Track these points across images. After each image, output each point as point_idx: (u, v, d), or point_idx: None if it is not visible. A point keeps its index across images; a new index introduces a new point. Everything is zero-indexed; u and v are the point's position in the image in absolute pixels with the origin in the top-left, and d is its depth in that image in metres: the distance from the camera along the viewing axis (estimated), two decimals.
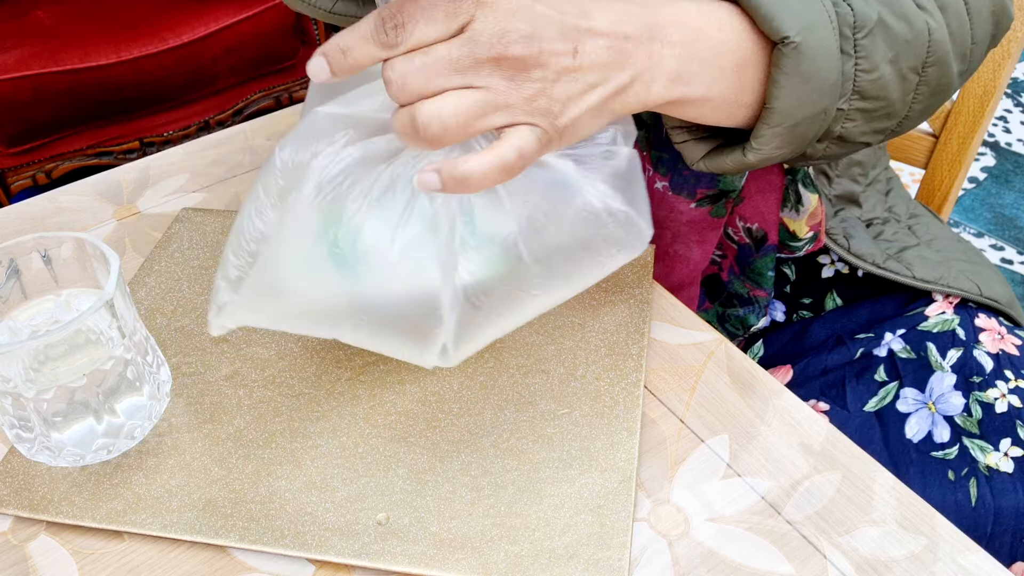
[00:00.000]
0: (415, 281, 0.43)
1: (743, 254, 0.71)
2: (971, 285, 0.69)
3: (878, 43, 0.50)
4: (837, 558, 0.46)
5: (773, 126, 0.49)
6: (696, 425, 0.53)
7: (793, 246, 0.70)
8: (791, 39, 0.47)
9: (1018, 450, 0.60)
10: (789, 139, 0.51)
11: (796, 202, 0.67)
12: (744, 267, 0.71)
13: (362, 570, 0.47)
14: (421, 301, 0.44)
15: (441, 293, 0.43)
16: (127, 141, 1.65)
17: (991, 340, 0.65)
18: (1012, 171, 2.05)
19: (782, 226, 0.69)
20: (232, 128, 0.80)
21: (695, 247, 0.70)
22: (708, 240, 0.69)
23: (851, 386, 0.67)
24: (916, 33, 0.51)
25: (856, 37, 0.49)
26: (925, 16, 0.52)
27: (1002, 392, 0.62)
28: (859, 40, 0.49)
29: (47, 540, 0.48)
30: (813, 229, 0.68)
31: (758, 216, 0.68)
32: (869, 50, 0.50)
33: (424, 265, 0.43)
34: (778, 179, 0.66)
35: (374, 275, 0.44)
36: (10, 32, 1.55)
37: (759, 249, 0.70)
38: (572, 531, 0.47)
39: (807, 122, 0.50)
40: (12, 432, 0.49)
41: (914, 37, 0.51)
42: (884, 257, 0.70)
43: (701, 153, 0.54)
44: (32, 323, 0.51)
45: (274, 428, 0.52)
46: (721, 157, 0.53)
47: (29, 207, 0.71)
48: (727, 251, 0.72)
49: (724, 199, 0.67)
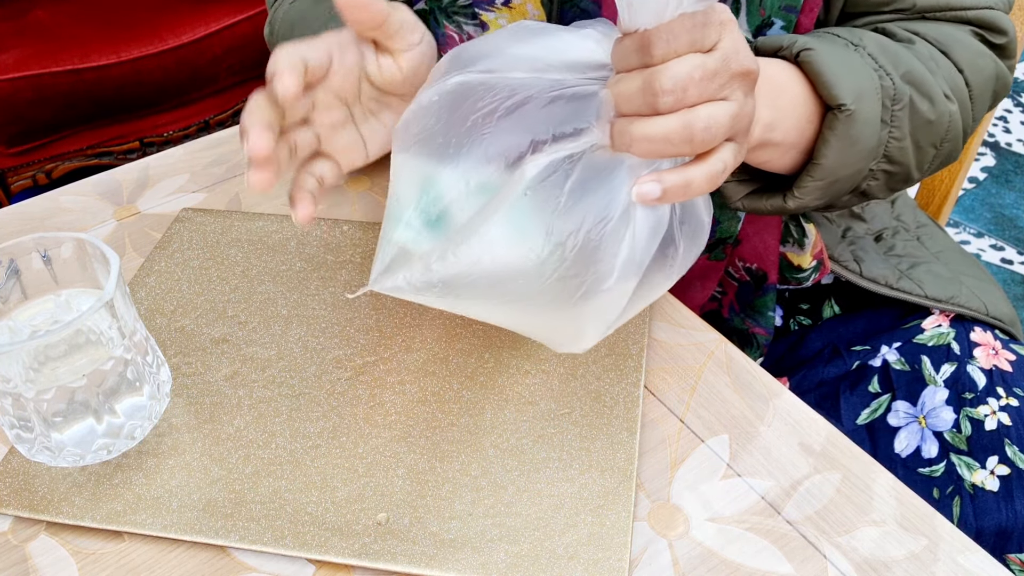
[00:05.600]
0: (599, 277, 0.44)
1: (744, 291, 0.71)
2: (979, 304, 0.70)
3: (907, 117, 0.56)
4: (837, 558, 0.46)
5: (816, 180, 0.54)
6: (696, 425, 0.53)
7: (799, 278, 0.71)
8: (847, 107, 0.52)
9: (1004, 468, 0.60)
10: (826, 192, 0.56)
11: (800, 236, 0.68)
12: (744, 304, 0.72)
13: (362, 570, 0.47)
14: (596, 300, 0.44)
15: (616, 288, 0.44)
16: (127, 141, 1.65)
17: (985, 356, 0.66)
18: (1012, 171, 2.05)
19: (786, 261, 0.70)
20: (232, 128, 0.80)
21: (695, 284, 0.71)
22: (709, 278, 0.71)
23: (845, 397, 0.67)
24: (939, 115, 0.57)
25: (893, 109, 0.55)
26: (950, 105, 0.58)
27: (992, 409, 0.62)
28: (895, 112, 0.55)
29: (47, 540, 0.48)
30: (816, 258, 0.69)
31: (756, 257, 0.69)
32: (901, 121, 0.55)
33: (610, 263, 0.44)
34: (775, 219, 0.67)
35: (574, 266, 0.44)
36: (10, 32, 1.55)
37: (760, 288, 0.70)
38: (572, 531, 0.47)
39: (845, 179, 0.56)
40: (12, 432, 0.49)
41: (937, 118, 0.57)
42: (897, 276, 0.70)
43: (742, 194, 0.58)
44: (32, 323, 0.51)
45: (274, 428, 0.52)
46: (760, 200, 0.57)
47: (29, 207, 0.71)
48: (727, 288, 0.72)
49: (721, 245, 0.68)
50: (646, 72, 0.40)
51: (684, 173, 0.42)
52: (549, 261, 0.43)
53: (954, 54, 0.59)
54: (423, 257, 0.44)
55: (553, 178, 0.42)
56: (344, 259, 0.64)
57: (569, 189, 0.42)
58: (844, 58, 0.54)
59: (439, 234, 0.45)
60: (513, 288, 0.44)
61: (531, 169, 0.42)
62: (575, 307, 0.44)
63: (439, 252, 0.44)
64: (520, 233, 0.43)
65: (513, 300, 0.45)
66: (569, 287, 0.43)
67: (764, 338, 0.72)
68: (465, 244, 0.43)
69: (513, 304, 0.45)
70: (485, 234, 0.43)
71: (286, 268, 0.63)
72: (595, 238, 0.42)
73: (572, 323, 0.46)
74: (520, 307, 0.46)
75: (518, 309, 0.46)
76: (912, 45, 0.59)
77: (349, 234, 0.66)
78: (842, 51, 0.54)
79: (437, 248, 0.44)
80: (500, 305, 0.46)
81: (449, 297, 0.45)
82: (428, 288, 0.45)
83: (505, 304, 0.45)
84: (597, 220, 0.42)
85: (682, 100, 0.40)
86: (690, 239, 0.46)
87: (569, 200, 0.42)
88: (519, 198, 0.42)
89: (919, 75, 0.56)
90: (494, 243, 0.43)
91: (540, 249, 0.42)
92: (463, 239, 0.43)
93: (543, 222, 0.42)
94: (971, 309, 0.69)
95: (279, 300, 0.61)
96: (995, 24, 0.61)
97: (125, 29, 1.58)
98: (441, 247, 0.44)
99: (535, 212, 0.42)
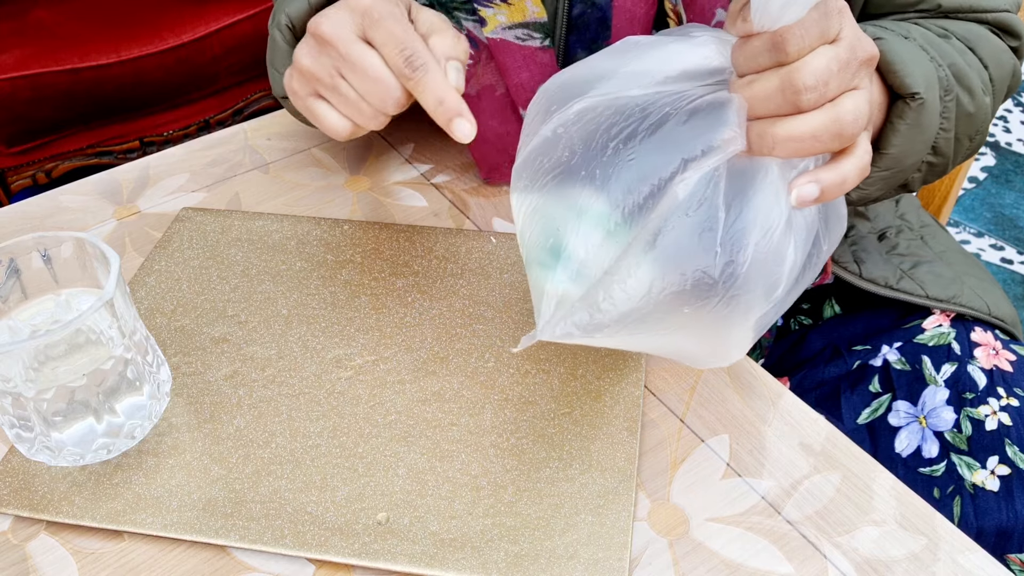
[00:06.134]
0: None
1: None
2: (981, 304, 0.70)
3: (953, 109, 0.57)
4: (837, 558, 0.46)
5: (882, 170, 0.54)
6: (696, 425, 0.53)
7: None
8: (920, 95, 0.52)
9: (1005, 468, 0.60)
10: (888, 183, 0.56)
11: None
12: None
13: (362, 570, 0.47)
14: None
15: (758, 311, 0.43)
16: (127, 141, 1.65)
17: (985, 355, 0.66)
18: (1012, 171, 2.05)
19: None
20: (232, 128, 0.80)
21: None
22: None
23: (846, 397, 0.67)
24: (977, 107, 0.58)
25: (945, 100, 0.55)
26: (986, 98, 0.59)
27: (993, 409, 0.62)
28: (947, 103, 0.55)
29: (47, 540, 0.48)
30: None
31: None
32: (950, 112, 0.56)
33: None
34: None
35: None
36: (10, 32, 1.55)
37: None
38: (572, 531, 0.47)
39: (906, 170, 0.56)
40: (12, 432, 0.49)
41: (976, 111, 0.58)
42: (898, 276, 0.70)
43: None
44: (32, 323, 0.50)
45: (274, 428, 0.52)
46: None
47: (29, 207, 0.71)
48: None
49: None
50: (783, 71, 0.40)
51: (839, 169, 0.42)
52: (720, 280, 0.41)
53: (980, 50, 0.60)
54: (588, 297, 0.42)
55: (707, 193, 0.41)
56: (344, 259, 0.64)
57: (724, 203, 0.41)
58: (909, 48, 0.54)
59: (599, 267, 0.43)
60: (685, 313, 0.42)
61: (682, 189, 0.40)
62: (743, 323, 0.43)
63: (605, 289, 0.42)
64: (686, 255, 0.41)
65: (682, 326, 0.43)
66: (740, 304, 0.42)
67: (767, 340, 0.72)
68: (632, 277, 0.41)
69: (681, 330, 0.44)
70: (653, 262, 0.41)
71: (286, 268, 0.63)
72: (763, 250, 0.41)
73: (731, 338, 0.45)
74: (687, 332, 0.44)
75: (684, 335, 0.44)
76: (949, 40, 0.59)
77: (349, 234, 0.66)
78: (904, 41, 0.54)
79: (603, 284, 0.42)
80: (669, 334, 0.44)
81: (622, 334, 0.43)
82: (598, 329, 0.43)
83: (673, 332, 0.44)
84: (763, 231, 0.41)
85: (824, 95, 0.40)
86: (833, 234, 0.45)
87: (730, 216, 0.41)
88: (681, 218, 0.40)
89: (961, 68, 0.57)
90: (662, 269, 0.41)
91: (710, 269, 0.41)
92: (628, 272, 0.41)
93: (708, 241, 0.41)
94: (973, 309, 0.69)
95: (279, 299, 0.61)
96: (1011, 26, 0.63)
97: (125, 28, 1.58)
98: (607, 283, 0.42)
99: (695, 232, 0.41)
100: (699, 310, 0.42)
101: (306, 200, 0.71)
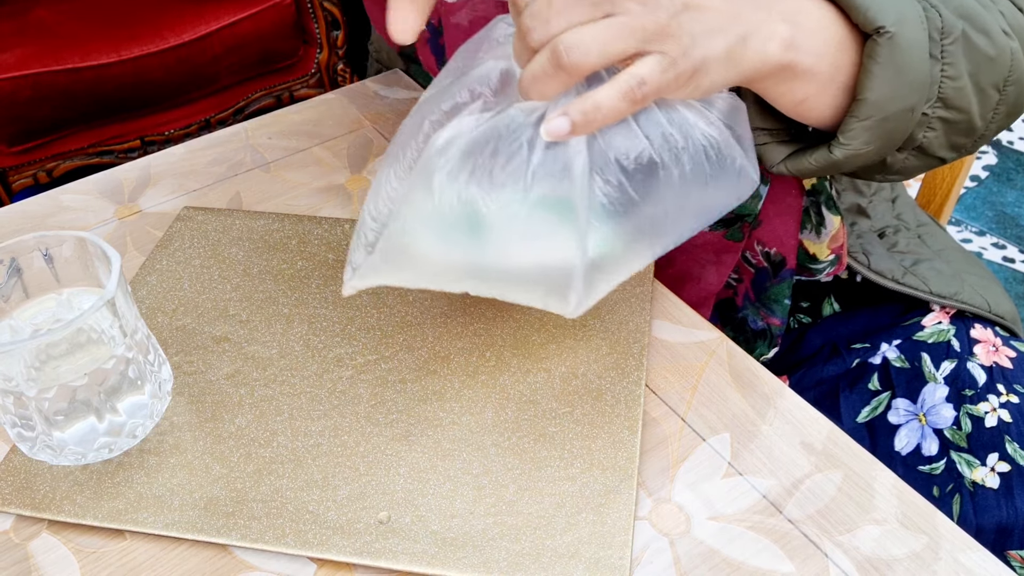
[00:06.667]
0: (546, 253, 0.44)
1: (760, 278, 0.70)
2: (982, 301, 0.69)
3: (962, 53, 0.52)
4: (838, 557, 0.46)
5: (863, 119, 0.50)
6: (697, 424, 0.53)
7: (814, 268, 0.69)
8: (887, 29, 0.48)
9: (1005, 465, 0.60)
10: (877, 134, 0.51)
11: (818, 224, 0.67)
12: (760, 293, 0.71)
13: (364, 569, 0.47)
14: (551, 269, 0.44)
15: (574, 267, 0.44)
16: (128, 140, 1.65)
17: (985, 352, 0.65)
18: (1014, 169, 2.05)
19: (802, 249, 0.69)
20: (233, 127, 0.80)
21: (710, 268, 0.69)
22: (724, 262, 0.69)
23: (845, 395, 0.67)
24: (999, 51, 0.53)
25: (943, 43, 0.51)
26: (1010, 42, 0.54)
27: (993, 406, 0.62)
28: (946, 46, 0.51)
29: (49, 539, 0.48)
30: (835, 252, 0.68)
31: (776, 240, 0.67)
32: (955, 57, 0.51)
33: (555, 239, 0.43)
34: (796, 202, 0.66)
35: (503, 245, 0.44)
36: (11, 31, 1.55)
37: (776, 274, 0.69)
38: (573, 530, 0.47)
39: (895, 117, 0.51)
40: (14, 431, 0.49)
41: (997, 54, 0.53)
42: (902, 272, 0.69)
43: (783, 155, 0.55)
44: (34, 322, 0.51)
45: (275, 427, 0.52)
46: (803, 158, 0.54)
47: (30, 206, 0.71)
48: (743, 275, 0.71)
49: (739, 223, 0.66)
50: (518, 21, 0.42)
51: (587, 96, 0.41)
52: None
53: None
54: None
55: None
56: (345, 258, 0.64)
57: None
58: None
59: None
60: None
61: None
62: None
63: (372, 203, 0.47)
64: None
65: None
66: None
67: (778, 329, 0.71)
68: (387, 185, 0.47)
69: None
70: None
71: (287, 267, 0.63)
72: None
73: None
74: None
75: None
76: None
77: (350, 233, 0.66)
78: None
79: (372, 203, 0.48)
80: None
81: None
82: (372, 246, 0.47)
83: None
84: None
85: (547, 31, 0.40)
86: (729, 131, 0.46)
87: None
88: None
89: (971, 8, 0.52)
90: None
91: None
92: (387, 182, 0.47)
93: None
94: (974, 306, 0.69)
95: (280, 299, 0.61)
96: None
97: (126, 28, 1.58)
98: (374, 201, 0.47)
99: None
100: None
101: (307, 199, 0.71)
